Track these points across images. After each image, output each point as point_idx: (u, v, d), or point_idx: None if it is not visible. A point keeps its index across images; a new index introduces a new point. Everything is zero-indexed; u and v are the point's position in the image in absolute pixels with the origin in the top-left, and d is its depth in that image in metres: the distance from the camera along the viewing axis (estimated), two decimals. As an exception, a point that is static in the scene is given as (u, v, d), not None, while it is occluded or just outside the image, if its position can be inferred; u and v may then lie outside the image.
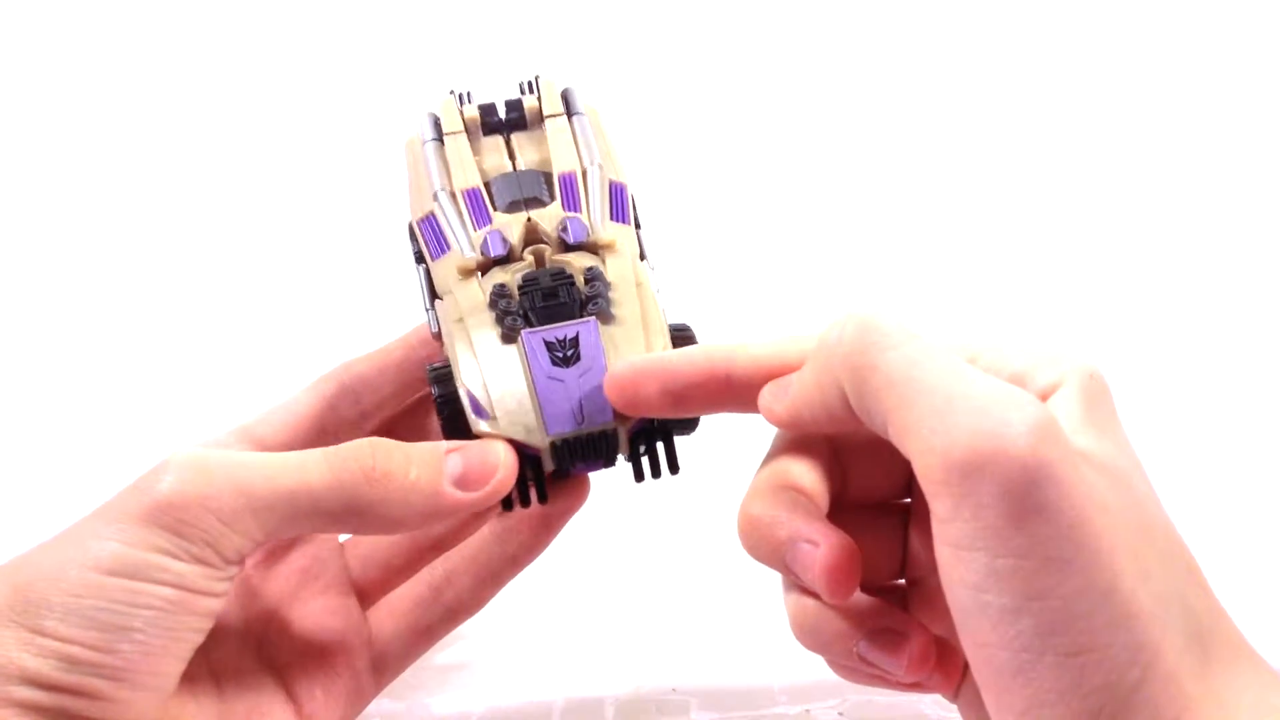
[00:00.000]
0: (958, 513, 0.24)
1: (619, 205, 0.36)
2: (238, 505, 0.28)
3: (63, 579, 0.27)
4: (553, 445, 0.31)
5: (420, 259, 0.37)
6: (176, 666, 0.29)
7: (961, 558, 0.24)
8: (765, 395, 0.30)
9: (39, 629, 0.27)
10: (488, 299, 0.33)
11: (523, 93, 0.40)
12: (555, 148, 0.37)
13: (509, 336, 0.32)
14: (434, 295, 0.36)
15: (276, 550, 0.36)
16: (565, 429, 0.31)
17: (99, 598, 0.27)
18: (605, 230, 0.35)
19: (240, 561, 0.29)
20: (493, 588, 0.37)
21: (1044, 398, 0.28)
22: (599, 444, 0.31)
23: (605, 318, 0.33)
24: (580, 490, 0.35)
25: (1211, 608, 0.26)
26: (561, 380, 0.31)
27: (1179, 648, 0.24)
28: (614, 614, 0.47)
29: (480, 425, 0.31)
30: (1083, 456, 0.25)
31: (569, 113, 0.39)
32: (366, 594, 0.37)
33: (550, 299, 0.33)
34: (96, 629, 0.27)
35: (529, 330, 0.32)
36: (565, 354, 0.32)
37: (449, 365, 0.33)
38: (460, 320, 0.33)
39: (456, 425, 0.32)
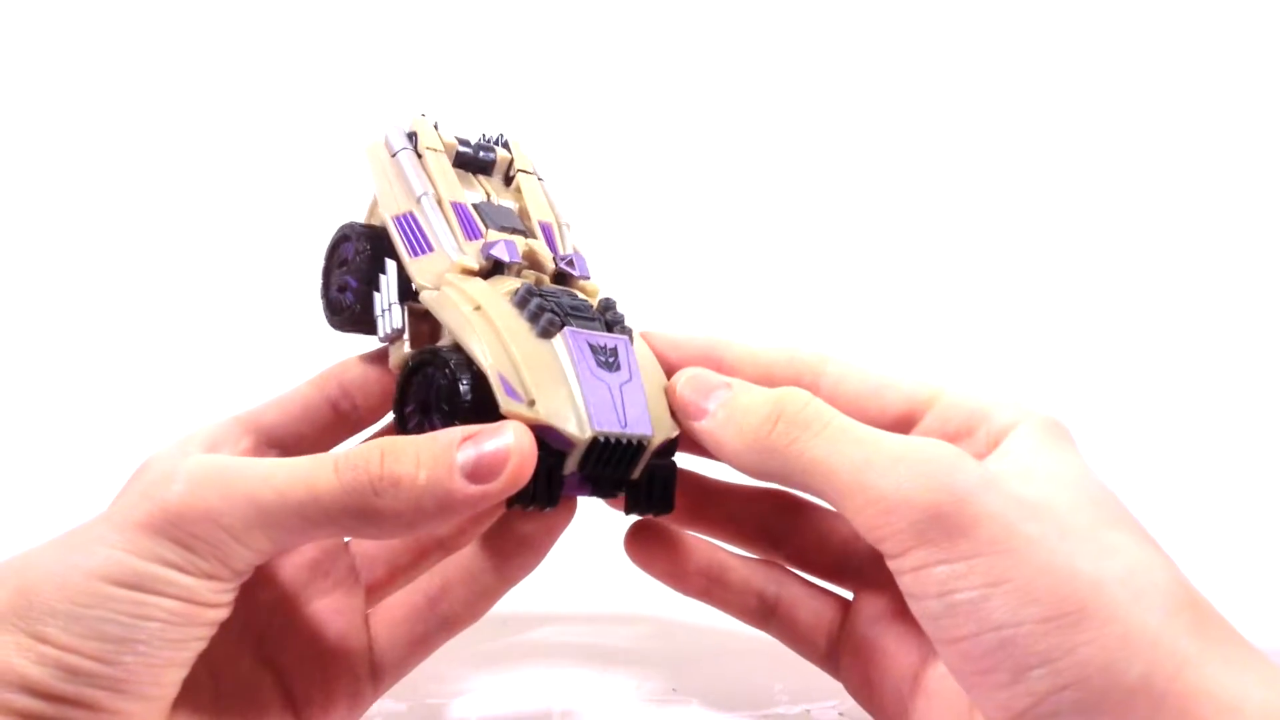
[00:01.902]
0: (903, 544, 0.28)
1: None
2: (248, 519, 0.28)
3: (67, 586, 0.27)
4: (594, 441, 0.30)
5: (385, 255, 0.36)
6: (178, 675, 0.28)
7: (921, 577, 0.28)
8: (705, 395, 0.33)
9: (40, 636, 0.26)
10: (515, 295, 0.33)
11: (491, 142, 0.40)
12: (530, 199, 0.38)
13: (546, 333, 0.31)
14: (404, 293, 0.35)
15: None
16: (610, 428, 0.30)
17: (103, 608, 0.26)
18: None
19: (249, 573, 0.29)
20: (487, 601, 0.36)
21: (1004, 433, 0.32)
22: (626, 455, 0.31)
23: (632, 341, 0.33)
24: (566, 513, 0.35)
25: (1195, 592, 0.28)
26: (604, 383, 0.31)
27: (1164, 611, 0.27)
28: (614, 613, 0.47)
29: (512, 405, 0.29)
30: (996, 475, 0.29)
31: (537, 175, 0.40)
32: (372, 592, 0.37)
33: (579, 311, 0.33)
34: (99, 639, 0.26)
35: (572, 329, 0.31)
36: (608, 359, 0.31)
37: (448, 350, 0.32)
38: (479, 309, 0.32)
39: (478, 410, 0.30)
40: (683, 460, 0.35)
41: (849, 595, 0.37)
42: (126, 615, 0.27)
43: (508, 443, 0.28)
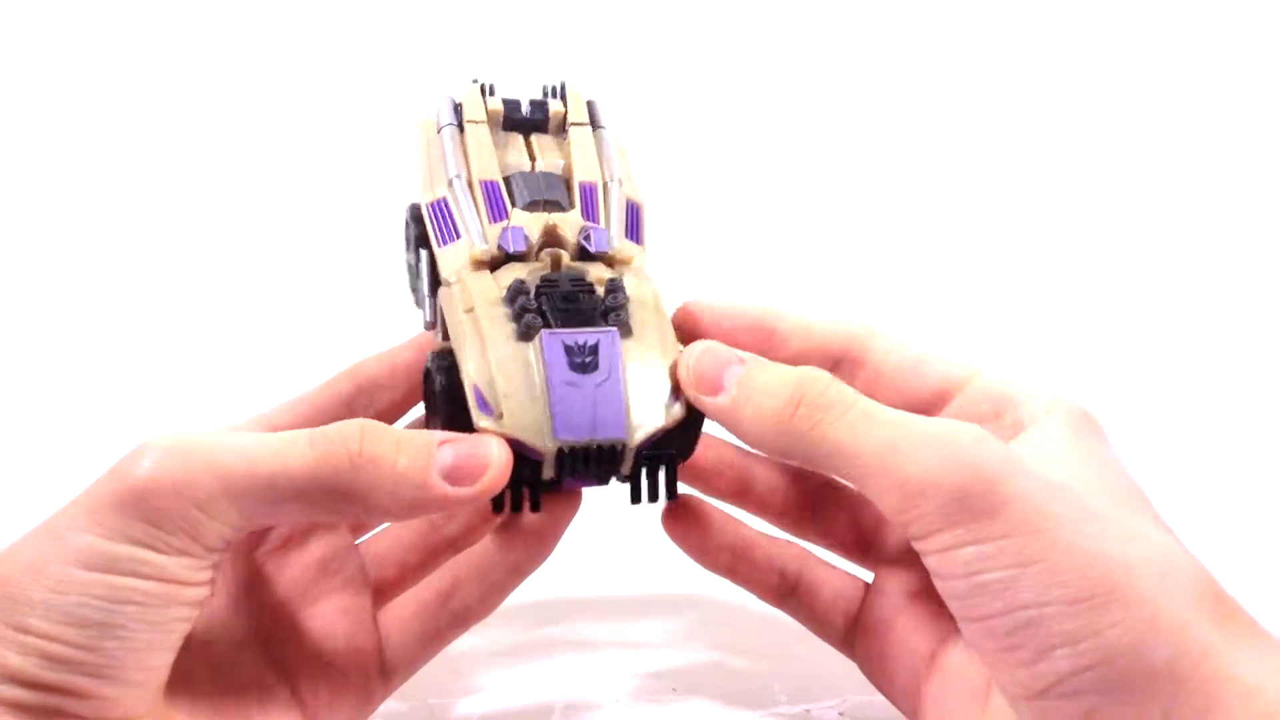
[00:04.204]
0: (930, 526, 0.27)
1: (634, 224, 0.36)
2: (215, 491, 0.27)
3: (43, 574, 0.27)
4: (559, 451, 0.30)
5: (422, 243, 0.36)
6: (164, 659, 0.28)
7: (948, 558, 0.27)
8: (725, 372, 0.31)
9: (22, 626, 0.26)
10: (504, 294, 0.32)
11: (546, 96, 0.39)
12: (578, 156, 0.37)
13: (526, 335, 0.31)
14: (435, 282, 0.35)
15: (293, 538, 0.36)
16: (575, 437, 0.30)
17: (80, 594, 0.26)
18: (623, 247, 0.35)
19: (224, 548, 0.29)
20: (498, 595, 0.36)
21: (1032, 420, 0.32)
22: (604, 457, 0.31)
23: (624, 330, 0.32)
24: (572, 503, 0.35)
25: (1216, 582, 0.28)
26: (577, 386, 0.30)
27: (1190, 597, 0.27)
28: (614, 613, 0.47)
29: (483, 421, 0.30)
30: (1022, 457, 0.29)
31: (593, 124, 0.39)
32: (381, 592, 0.37)
33: (570, 303, 0.32)
34: (79, 626, 0.26)
35: (549, 331, 0.31)
36: (584, 360, 0.31)
37: (444, 356, 0.32)
38: (470, 311, 0.32)
39: (457, 418, 0.31)
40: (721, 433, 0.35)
41: (868, 577, 0.37)
42: (104, 599, 0.26)
43: (483, 453, 0.29)
